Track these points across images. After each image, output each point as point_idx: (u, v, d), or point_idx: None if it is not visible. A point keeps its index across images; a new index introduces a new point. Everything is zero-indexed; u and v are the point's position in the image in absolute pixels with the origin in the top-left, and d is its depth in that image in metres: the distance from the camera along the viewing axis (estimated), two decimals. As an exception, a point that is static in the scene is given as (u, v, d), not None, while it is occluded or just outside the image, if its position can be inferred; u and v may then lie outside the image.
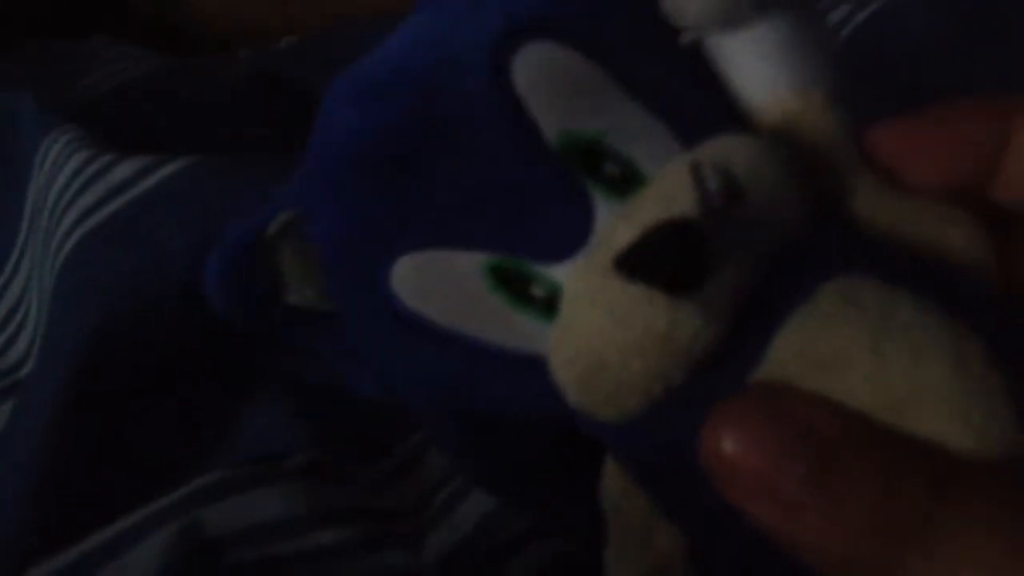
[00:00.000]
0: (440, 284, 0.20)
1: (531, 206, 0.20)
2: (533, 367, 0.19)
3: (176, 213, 0.37)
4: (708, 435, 0.17)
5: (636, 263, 0.17)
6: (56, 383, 0.34)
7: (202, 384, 0.35)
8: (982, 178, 0.19)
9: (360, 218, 0.20)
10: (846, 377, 0.17)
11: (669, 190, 0.18)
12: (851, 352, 0.17)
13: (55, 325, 0.36)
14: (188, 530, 0.28)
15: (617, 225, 0.18)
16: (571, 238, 0.19)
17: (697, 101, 0.20)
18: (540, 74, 0.20)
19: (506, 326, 0.20)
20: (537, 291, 0.19)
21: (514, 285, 0.20)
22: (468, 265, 0.20)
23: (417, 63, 0.20)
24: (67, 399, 0.34)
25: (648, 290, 0.17)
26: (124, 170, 0.38)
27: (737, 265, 0.18)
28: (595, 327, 0.18)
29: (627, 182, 0.19)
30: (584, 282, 0.19)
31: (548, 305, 0.19)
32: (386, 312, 0.20)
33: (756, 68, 0.20)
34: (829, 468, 0.16)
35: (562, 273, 0.19)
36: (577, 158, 0.20)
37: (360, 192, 0.20)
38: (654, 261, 0.17)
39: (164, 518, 0.29)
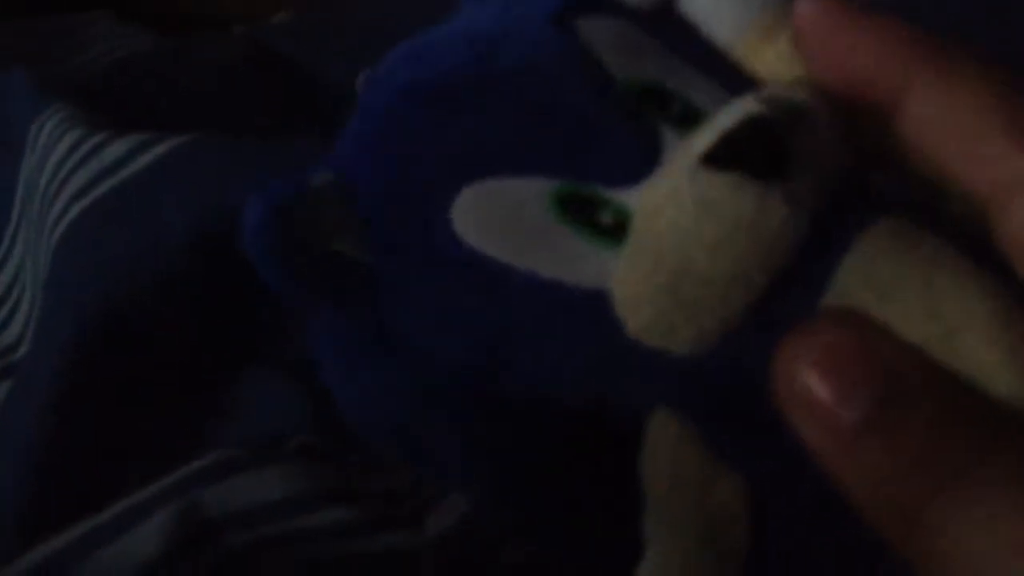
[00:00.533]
0: (503, 215, 0.19)
1: (598, 132, 0.20)
2: (592, 306, 0.19)
3: (171, 192, 0.36)
4: (779, 361, 0.17)
5: (724, 154, 0.17)
6: (52, 365, 0.34)
7: (198, 366, 0.35)
8: (881, 107, 0.19)
9: (419, 152, 0.20)
10: (906, 307, 0.17)
11: (741, 106, 0.18)
12: (910, 284, 0.17)
13: (50, 307, 0.36)
14: (186, 512, 0.28)
15: (694, 136, 0.18)
16: (639, 164, 0.19)
17: (736, 73, 0.21)
18: (601, 34, 0.20)
19: (568, 258, 0.19)
20: (605, 218, 0.19)
21: (581, 213, 0.19)
22: (533, 192, 0.19)
23: (475, 30, 0.21)
24: (63, 381, 0.34)
25: (737, 178, 0.17)
26: (118, 149, 0.37)
27: (812, 167, 0.18)
28: (682, 224, 0.18)
29: (691, 120, 0.20)
30: (664, 184, 0.18)
31: (615, 233, 0.19)
32: (440, 254, 0.20)
33: (715, 14, 0.21)
34: (893, 400, 0.16)
35: (632, 197, 0.19)
36: (644, 96, 0.20)
37: (416, 123, 0.20)
38: (741, 150, 0.17)
39: (162, 500, 0.29)
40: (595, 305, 0.19)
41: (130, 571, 0.27)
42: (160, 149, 0.37)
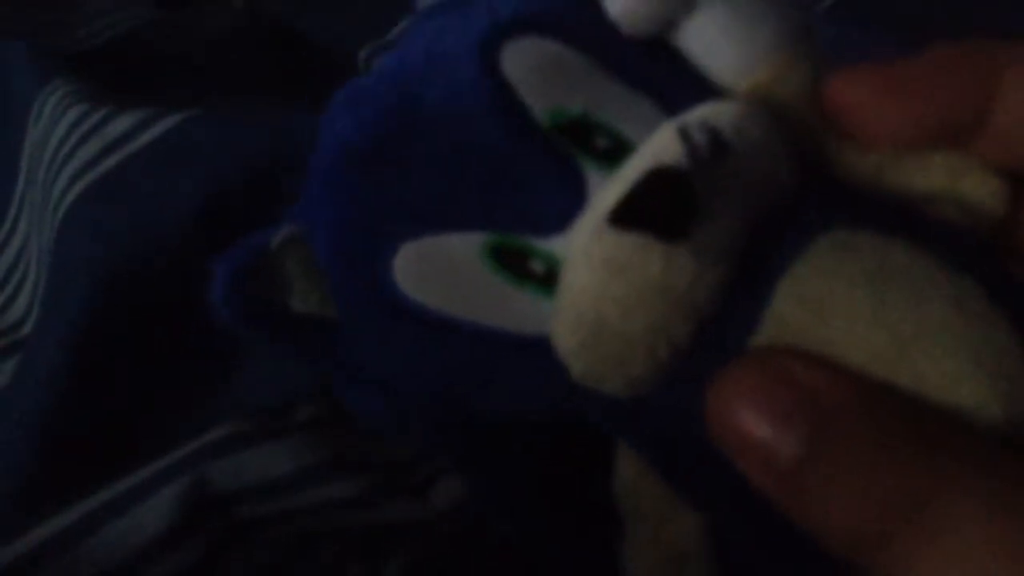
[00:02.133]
0: (440, 270, 0.20)
1: (524, 182, 0.20)
2: (537, 350, 0.19)
3: (176, 167, 0.36)
4: (710, 402, 0.17)
5: (627, 213, 0.17)
6: (58, 341, 0.34)
7: (205, 337, 0.35)
8: (962, 133, 0.19)
9: (355, 213, 0.20)
10: (850, 324, 0.17)
11: (656, 149, 0.18)
12: (852, 299, 0.17)
13: (55, 283, 0.36)
14: (195, 486, 0.28)
15: (609, 186, 0.19)
16: (565, 210, 0.19)
17: (678, 81, 0.20)
18: (527, 62, 0.20)
19: (508, 308, 0.20)
20: (536, 267, 0.19)
21: (513, 264, 0.20)
22: (466, 247, 0.20)
23: (406, 67, 0.21)
24: (70, 357, 0.34)
25: (641, 238, 0.17)
26: (122, 123, 0.37)
27: (729, 215, 0.18)
28: (593, 284, 0.18)
29: (617, 153, 0.19)
30: (578, 243, 0.18)
31: (548, 281, 0.19)
32: (388, 308, 0.20)
33: (716, 50, 0.20)
34: (827, 436, 0.16)
35: (559, 245, 0.19)
36: (567, 134, 0.20)
37: (353, 187, 0.21)
38: (645, 209, 0.17)
39: (171, 474, 0.29)
40: (540, 350, 0.19)
41: (139, 546, 0.27)
42: (163, 124, 0.37)
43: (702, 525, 0.20)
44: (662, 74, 0.21)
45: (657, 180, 0.17)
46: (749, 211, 0.18)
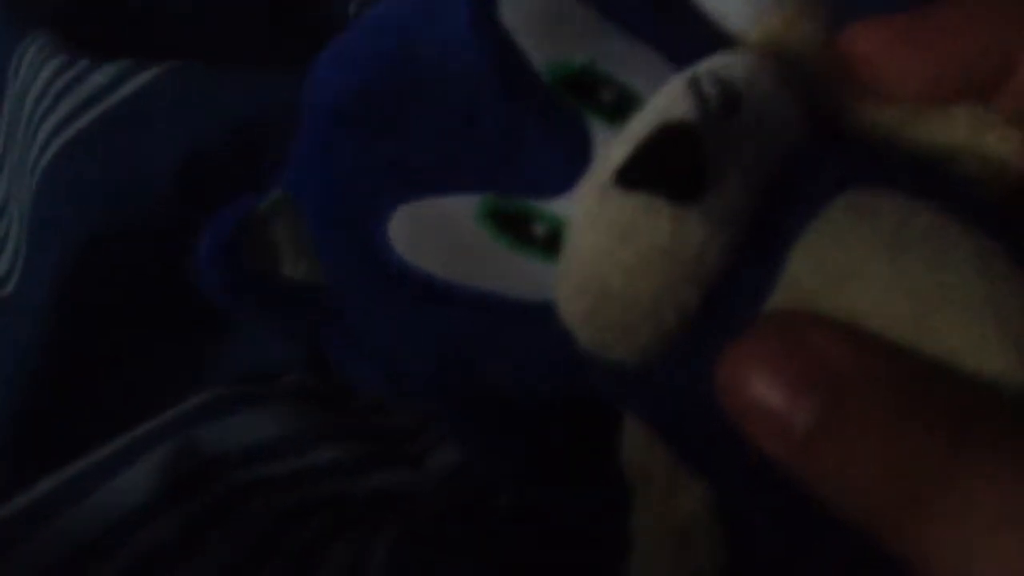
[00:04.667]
0: (437, 233, 0.19)
1: (525, 140, 0.19)
2: (540, 317, 0.19)
3: (156, 121, 0.35)
4: (722, 370, 0.16)
5: (634, 173, 0.17)
6: (40, 301, 0.34)
7: (192, 299, 0.34)
8: (985, 86, 0.18)
9: (349, 175, 0.20)
10: (867, 289, 0.16)
11: (665, 103, 0.17)
12: (870, 263, 0.16)
13: (36, 241, 0.35)
14: (183, 451, 0.28)
15: (616, 143, 0.18)
16: (570, 169, 0.18)
17: (684, 31, 0.20)
18: (526, 9, 0.19)
19: (509, 273, 0.19)
20: (538, 230, 0.19)
21: (514, 227, 0.19)
22: (464, 209, 0.19)
23: (397, 20, 0.20)
24: (52, 317, 0.33)
25: (649, 199, 0.16)
26: (101, 77, 0.36)
27: (740, 174, 0.17)
28: (598, 248, 0.17)
29: (624, 108, 0.18)
30: (584, 205, 0.18)
31: (552, 244, 0.18)
32: (383, 273, 0.19)
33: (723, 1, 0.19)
34: (843, 404, 0.15)
35: (564, 206, 0.18)
36: (570, 88, 0.19)
37: (346, 149, 0.20)
38: (653, 168, 0.16)
39: (158, 438, 0.28)
40: (543, 316, 0.18)
41: (126, 511, 0.27)
42: (144, 77, 0.36)
43: (710, 494, 0.19)
44: (668, 24, 0.20)
45: (666, 137, 0.16)
46: (762, 169, 0.17)
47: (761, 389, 0.15)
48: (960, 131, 0.18)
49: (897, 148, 0.19)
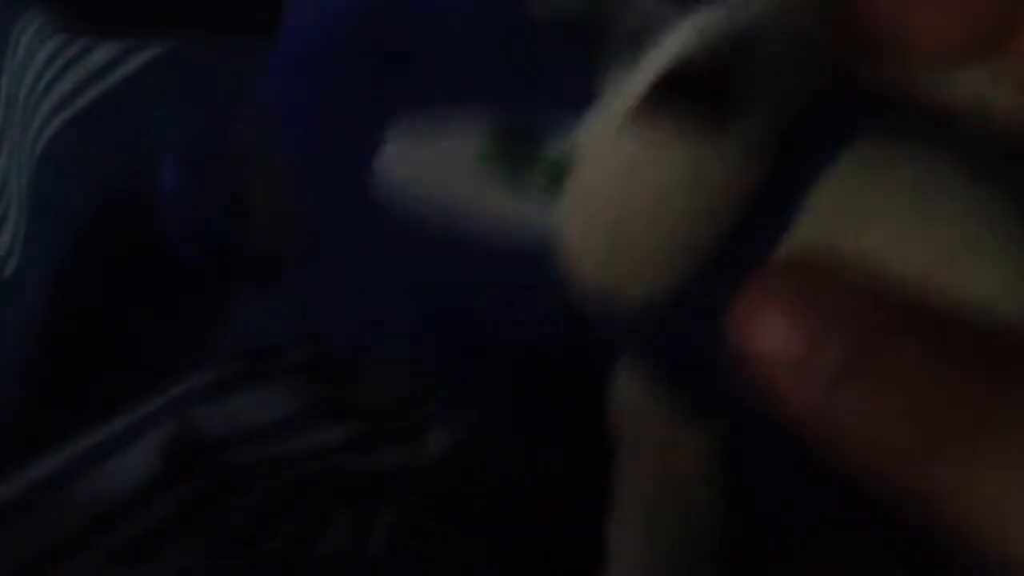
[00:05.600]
0: (435, 161, 0.18)
1: (533, 67, 0.18)
2: (538, 261, 0.18)
3: (158, 100, 0.35)
4: (736, 314, 0.15)
5: (660, 101, 0.16)
6: (41, 280, 0.34)
7: (191, 277, 0.34)
8: (999, 45, 0.18)
9: (344, 98, 0.19)
10: (886, 239, 0.16)
11: (683, 37, 0.17)
12: (889, 212, 0.16)
13: (34, 224, 0.35)
14: (183, 431, 0.28)
15: (631, 76, 0.17)
16: (578, 99, 0.18)
17: None
18: None
19: (507, 211, 0.18)
20: (543, 163, 0.18)
21: (518, 156, 0.18)
22: (466, 134, 0.18)
23: None
24: (53, 295, 0.33)
25: (677, 124, 0.16)
26: (101, 55, 0.36)
27: (760, 114, 0.16)
28: (618, 178, 0.17)
29: (635, 45, 0.18)
30: (601, 133, 0.17)
31: (555, 180, 0.18)
32: (374, 204, 0.19)
33: None
34: (873, 344, 0.14)
35: (569, 142, 0.18)
36: (580, 24, 0.18)
37: (341, 71, 0.19)
38: (679, 96, 0.16)
39: (158, 418, 0.28)
40: (540, 258, 0.18)
41: (126, 490, 0.27)
42: (145, 55, 0.36)
43: (711, 449, 0.19)
44: None
45: (688, 69, 0.16)
46: (778, 111, 0.17)
47: (778, 328, 0.15)
48: (971, 87, 0.18)
49: (910, 99, 0.18)
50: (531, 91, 0.18)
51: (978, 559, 0.14)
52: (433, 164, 0.18)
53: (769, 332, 0.15)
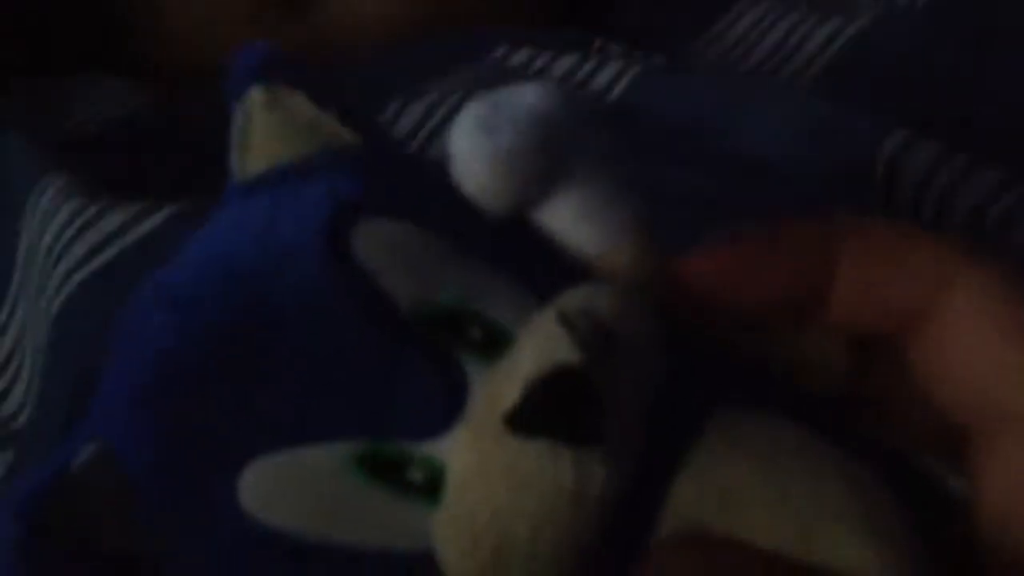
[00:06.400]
0: (299, 486, 0.18)
1: (395, 383, 0.18)
2: (420, 567, 0.18)
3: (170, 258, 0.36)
4: None
5: (531, 418, 0.16)
6: (53, 438, 0.34)
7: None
8: (807, 305, 0.19)
9: (190, 428, 0.18)
10: (750, 513, 0.17)
11: (542, 342, 0.17)
12: (751, 486, 0.17)
13: (50, 378, 0.36)
14: None
15: (496, 385, 0.17)
16: (445, 409, 0.18)
17: (537, 259, 0.20)
18: (382, 247, 0.19)
19: (384, 522, 0.18)
20: (415, 475, 0.18)
21: (388, 473, 0.18)
22: (331, 459, 0.18)
23: (236, 260, 0.19)
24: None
25: (550, 445, 0.16)
26: (115, 219, 0.37)
27: (627, 408, 0.17)
28: (495, 500, 0.17)
29: (495, 344, 0.18)
30: (471, 452, 0.17)
31: (430, 489, 0.18)
32: (230, 534, 0.18)
33: (573, 232, 0.20)
34: None
35: (441, 449, 0.18)
36: (438, 326, 0.18)
37: (185, 402, 0.18)
38: (550, 413, 0.16)
39: None
40: (420, 566, 0.17)
41: None
42: (155, 219, 0.37)
43: None
44: (518, 251, 0.20)
45: (557, 380, 0.16)
46: (642, 399, 0.17)
47: None
48: (788, 344, 0.19)
49: (739, 362, 0.19)
50: (395, 399, 0.18)
51: None
52: (300, 479, 0.18)
53: None
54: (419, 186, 0.20)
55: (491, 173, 0.19)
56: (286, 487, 0.18)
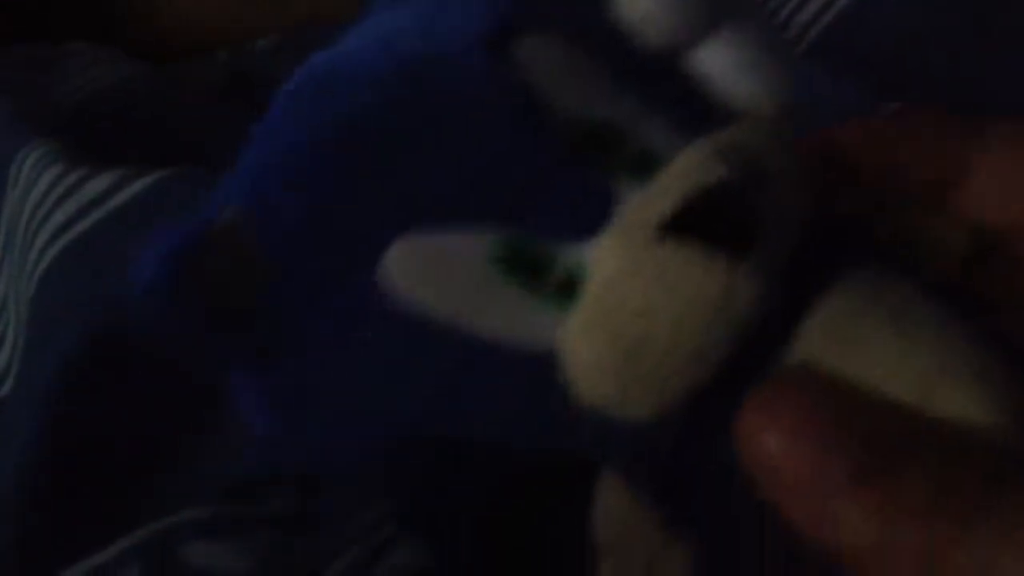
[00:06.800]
0: (440, 271, 0.18)
1: (544, 186, 0.18)
2: (535, 370, 0.18)
3: (152, 226, 0.36)
4: (745, 425, 0.16)
5: (687, 226, 0.17)
6: (37, 405, 0.34)
7: (181, 400, 0.35)
8: (940, 189, 0.19)
9: (343, 200, 0.19)
10: (873, 363, 0.17)
11: (699, 162, 0.17)
12: (876, 339, 0.17)
13: (32, 345, 0.36)
14: (170, 562, 0.28)
15: (650, 196, 0.18)
16: (590, 218, 0.18)
17: (687, 101, 0.20)
18: (542, 61, 0.19)
19: (513, 318, 0.18)
20: (553, 276, 0.18)
21: (527, 270, 0.18)
22: (476, 246, 0.18)
23: (401, 45, 0.19)
24: (49, 422, 0.34)
25: (704, 251, 0.17)
26: (96, 186, 0.37)
27: (775, 236, 0.17)
28: (640, 300, 0.17)
29: (645, 165, 0.19)
30: (619, 254, 0.17)
31: (564, 293, 0.18)
32: (364, 307, 0.18)
33: (727, 78, 0.20)
34: (877, 460, 0.15)
35: (583, 254, 0.18)
36: (591, 141, 0.19)
37: (342, 172, 0.19)
38: (707, 222, 0.17)
39: (144, 551, 0.28)
40: (539, 368, 0.18)
41: None
42: (140, 184, 0.37)
43: (692, 559, 0.19)
44: (669, 90, 0.20)
45: (715, 193, 0.17)
46: (788, 234, 0.18)
47: (788, 445, 0.16)
48: (916, 225, 0.19)
49: (883, 242, 0.19)
50: (542, 203, 0.18)
51: None
52: (441, 265, 0.18)
53: (779, 442, 0.16)
54: (581, 12, 0.20)
55: (659, 4, 0.19)
56: (428, 268, 0.18)
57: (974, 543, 0.15)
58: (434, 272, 0.18)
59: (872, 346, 0.17)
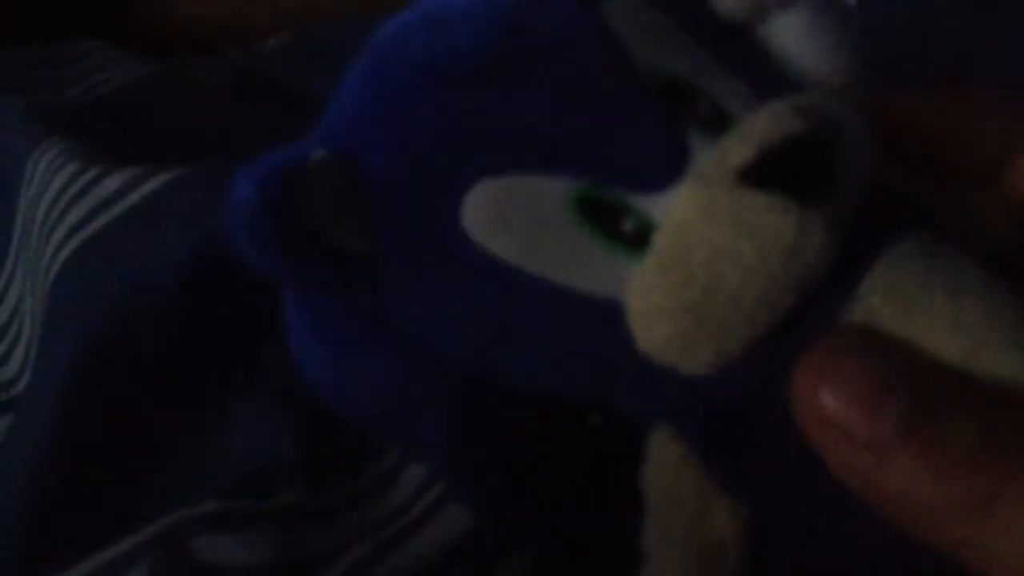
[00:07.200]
0: (518, 214, 0.18)
1: (625, 133, 0.19)
2: (600, 318, 0.18)
3: (164, 226, 0.36)
4: (800, 379, 0.17)
5: (764, 172, 0.17)
6: (49, 403, 0.34)
7: (194, 396, 0.35)
8: (994, 165, 0.20)
9: (434, 137, 0.19)
10: (925, 325, 0.17)
11: (776, 117, 0.18)
12: (930, 301, 0.17)
13: (48, 342, 0.36)
14: (179, 556, 0.28)
15: (727, 146, 0.18)
16: (667, 169, 0.18)
17: (760, 70, 0.20)
18: (629, 17, 0.20)
19: (584, 265, 0.18)
20: (627, 226, 0.18)
21: (602, 218, 0.18)
22: (553, 193, 0.18)
23: None
24: (62, 418, 0.34)
25: (779, 199, 0.17)
26: (111, 184, 0.37)
27: (846, 193, 0.18)
28: (715, 243, 0.17)
29: (719, 122, 0.19)
30: (695, 199, 0.18)
31: (635, 243, 0.18)
32: (448, 246, 0.19)
33: (798, 47, 0.21)
34: (926, 412, 0.16)
35: (657, 205, 0.18)
36: (670, 95, 0.19)
37: (436, 109, 0.19)
38: (783, 170, 0.17)
39: (155, 545, 0.29)
40: (604, 316, 0.18)
41: None
42: (153, 183, 0.37)
43: (742, 515, 0.19)
44: (742, 56, 0.20)
45: (793, 144, 0.17)
46: (858, 190, 0.18)
47: (842, 398, 0.16)
48: (972, 202, 0.20)
49: (929, 202, 0.20)
50: (626, 149, 0.19)
51: None
52: (518, 207, 0.19)
53: (834, 395, 0.16)
54: None
55: None
56: (506, 211, 0.18)
57: (1018, 496, 0.15)
58: (511, 214, 0.19)
59: (926, 307, 0.17)
